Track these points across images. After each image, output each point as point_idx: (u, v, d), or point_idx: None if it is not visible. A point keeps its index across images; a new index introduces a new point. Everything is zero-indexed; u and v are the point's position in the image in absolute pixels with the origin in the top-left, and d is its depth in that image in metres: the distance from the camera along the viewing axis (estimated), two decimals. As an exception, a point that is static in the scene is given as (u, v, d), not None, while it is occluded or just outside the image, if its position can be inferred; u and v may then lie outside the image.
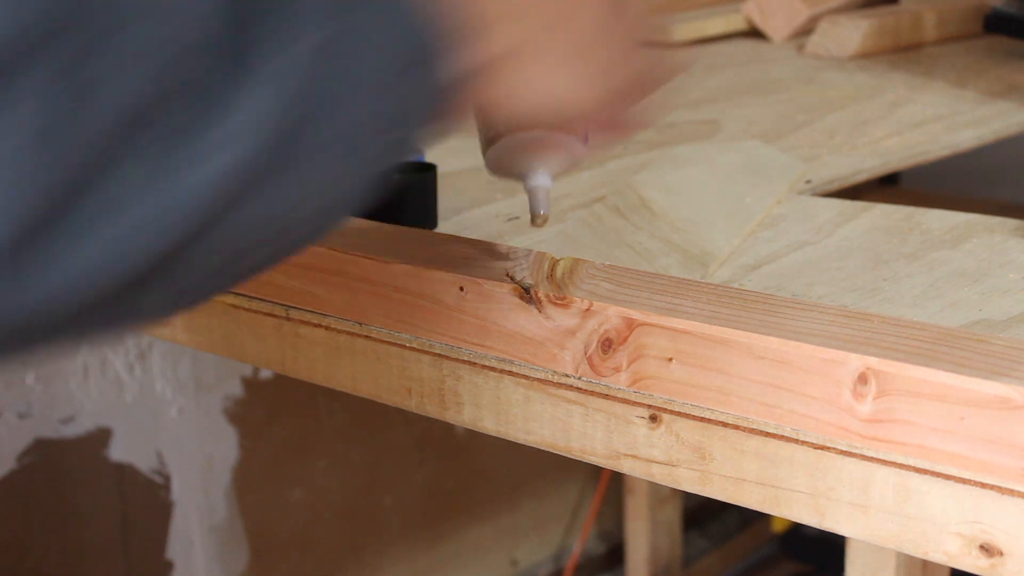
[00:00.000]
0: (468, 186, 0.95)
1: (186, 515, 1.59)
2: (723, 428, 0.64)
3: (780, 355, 0.61)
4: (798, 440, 0.62)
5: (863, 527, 0.61)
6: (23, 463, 1.43)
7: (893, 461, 0.59)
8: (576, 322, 0.67)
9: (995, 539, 0.58)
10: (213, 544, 1.62)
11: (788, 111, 1.21)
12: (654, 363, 0.65)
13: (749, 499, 0.64)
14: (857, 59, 1.45)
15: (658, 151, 1.06)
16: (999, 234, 0.84)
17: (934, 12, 1.54)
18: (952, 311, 0.72)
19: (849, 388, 0.59)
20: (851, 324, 0.62)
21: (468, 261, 0.72)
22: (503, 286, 0.69)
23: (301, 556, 1.72)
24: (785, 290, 0.76)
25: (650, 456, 0.67)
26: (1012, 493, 0.57)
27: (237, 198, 0.41)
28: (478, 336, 0.71)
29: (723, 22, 1.59)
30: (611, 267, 0.70)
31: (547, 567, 2.05)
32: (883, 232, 0.86)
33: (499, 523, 1.97)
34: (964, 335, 0.61)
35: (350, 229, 0.80)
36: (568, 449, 0.70)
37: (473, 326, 0.71)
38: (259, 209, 0.42)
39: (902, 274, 0.78)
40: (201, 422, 1.57)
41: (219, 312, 0.85)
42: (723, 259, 0.82)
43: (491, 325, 0.70)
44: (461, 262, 0.72)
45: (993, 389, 0.56)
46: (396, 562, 1.82)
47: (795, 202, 0.93)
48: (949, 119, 1.17)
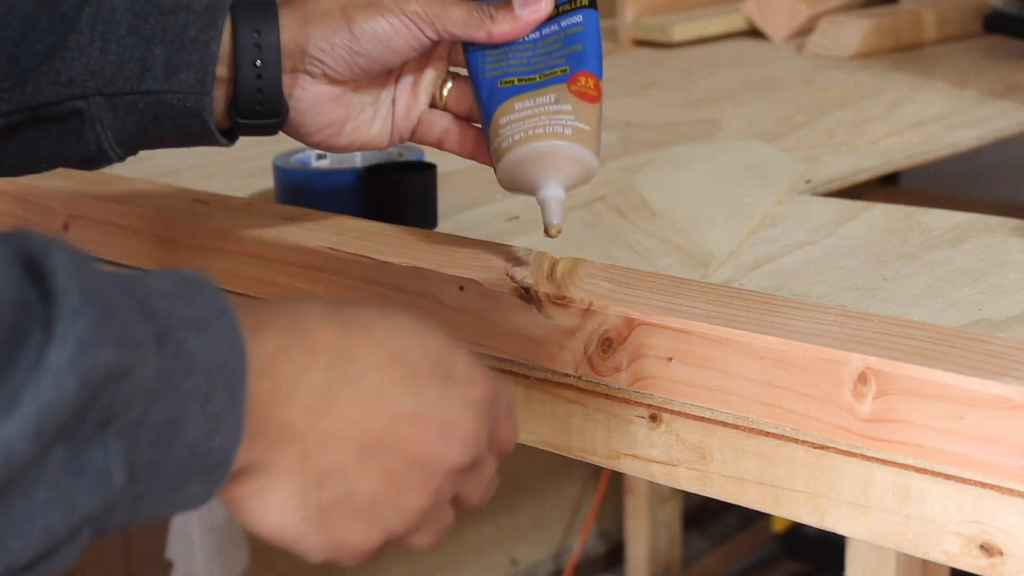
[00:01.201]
0: (468, 186, 0.95)
1: (186, 515, 1.59)
2: (723, 428, 0.64)
3: (780, 355, 0.61)
4: (798, 440, 0.62)
5: (863, 527, 0.61)
6: (23, 463, 1.43)
7: (893, 461, 0.59)
8: (576, 322, 0.67)
9: (995, 539, 0.58)
10: (213, 544, 1.62)
11: (788, 111, 1.21)
12: (654, 363, 0.65)
13: (749, 499, 0.64)
14: (857, 59, 1.45)
15: (658, 151, 1.07)
16: (999, 234, 0.84)
17: (934, 12, 1.54)
18: (952, 311, 0.72)
19: (849, 388, 0.59)
20: (851, 324, 0.62)
21: (468, 261, 0.72)
22: (503, 286, 0.69)
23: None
24: (785, 290, 0.76)
25: (650, 456, 0.67)
26: (1012, 493, 0.57)
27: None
28: (478, 336, 0.71)
29: (723, 22, 1.59)
30: (611, 267, 0.70)
31: (547, 567, 2.05)
32: (883, 232, 0.86)
33: (499, 523, 1.97)
34: (964, 335, 0.61)
35: (350, 229, 0.80)
36: (568, 449, 0.70)
37: (473, 326, 0.71)
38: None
39: (902, 274, 0.78)
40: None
41: (219, 312, 0.85)
42: (723, 259, 0.82)
43: (491, 325, 0.70)
44: (461, 262, 0.72)
45: (993, 389, 0.56)
46: (396, 562, 1.82)
47: (795, 202, 0.93)
48: (949, 119, 1.17)
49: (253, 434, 0.47)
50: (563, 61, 0.72)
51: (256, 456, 0.48)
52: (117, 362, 0.42)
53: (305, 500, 0.50)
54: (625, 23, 1.58)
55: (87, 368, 0.41)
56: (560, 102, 0.70)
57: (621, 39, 1.59)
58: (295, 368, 0.49)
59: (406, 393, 0.52)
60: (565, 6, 0.73)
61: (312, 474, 0.50)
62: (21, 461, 0.40)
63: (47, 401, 0.40)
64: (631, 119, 1.19)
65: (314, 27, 0.70)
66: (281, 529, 0.50)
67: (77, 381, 0.40)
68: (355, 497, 0.51)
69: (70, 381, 0.40)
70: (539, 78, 0.71)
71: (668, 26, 1.54)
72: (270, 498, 0.49)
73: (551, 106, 0.70)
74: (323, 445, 0.49)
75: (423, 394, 0.52)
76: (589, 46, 0.72)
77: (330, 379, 0.50)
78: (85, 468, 0.42)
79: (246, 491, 0.49)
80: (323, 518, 0.51)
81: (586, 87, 0.70)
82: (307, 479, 0.50)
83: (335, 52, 0.70)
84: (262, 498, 0.49)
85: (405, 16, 0.70)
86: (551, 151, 0.69)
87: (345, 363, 0.50)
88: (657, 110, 1.24)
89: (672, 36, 1.54)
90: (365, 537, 0.52)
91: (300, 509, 0.50)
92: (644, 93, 1.32)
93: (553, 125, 0.69)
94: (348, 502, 0.51)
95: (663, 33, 1.55)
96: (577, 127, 0.69)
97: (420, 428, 0.52)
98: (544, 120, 0.69)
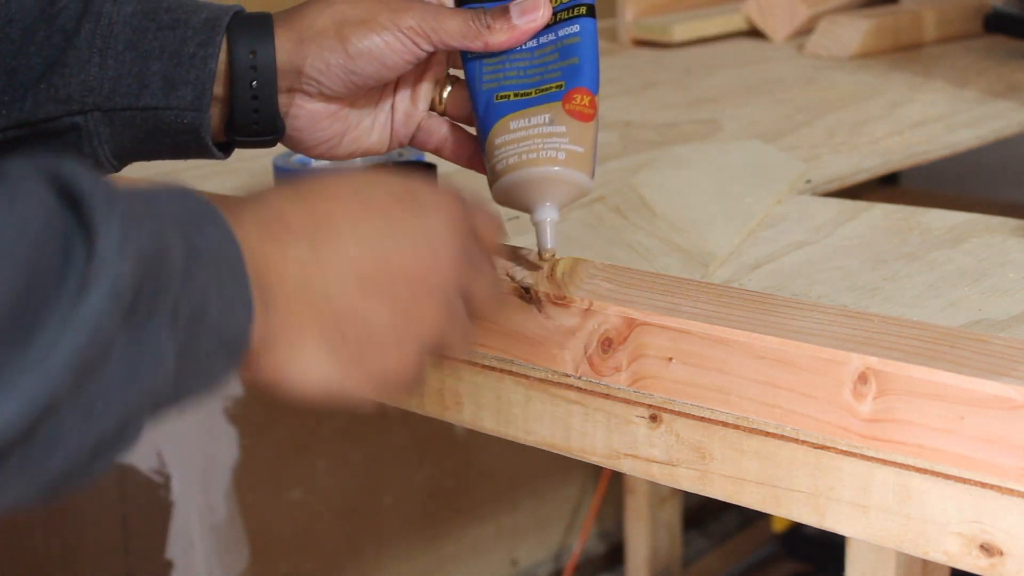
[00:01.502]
0: (468, 186, 0.95)
1: (186, 515, 1.59)
2: (723, 428, 0.64)
3: (780, 355, 0.61)
4: (798, 440, 0.62)
5: (863, 527, 0.61)
6: (23, 463, 1.43)
7: (893, 461, 0.59)
8: (576, 322, 0.67)
9: (995, 539, 0.58)
10: (213, 544, 1.62)
11: (788, 111, 1.21)
12: (654, 363, 0.65)
13: (749, 499, 0.64)
14: (857, 59, 1.45)
15: (658, 151, 1.06)
16: (999, 234, 0.84)
17: (934, 12, 1.54)
18: (952, 311, 0.72)
19: (849, 388, 0.59)
20: (851, 324, 0.62)
21: (468, 261, 0.72)
22: (503, 286, 0.69)
23: (301, 556, 1.72)
24: (785, 290, 0.76)
25: (650, 456, 0.67)
26: (1012, 493, 0.57)
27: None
28: (478, 336, 0.71)
29: (723, 22, 1.59)
30: (611, 267, 0.70)
31: (547, 567, 2.05)
32: (883, 232, 0.86)
33: (499, 523, 1.97)
34: (964, 335, 0.61)
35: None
36: (568, 449, 0.70)
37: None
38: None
39: (902, 274, 0.78)
40: (201, 422, 1.57)
41: (219, 312, 0.85)
42: (723, 259, 0.82)
43: (491, 325, 0.70)
44: (461, 262, 0.72)
45: (993, 389, 0.56)
46: (396, 562, 1.82)
47: (795, 202, 0.93)
48: (949, 119, 1.17)
49: (262, 309, 0.53)
50: (559, 75, 0.72)
51: (273, 327, 0.53)
52: (154, 247, 0.47)
53: (332, 346, 0.55)
54: (625, 23, 1.57)
55: (134, 251, 0.46)
56: (554, 123, 0.70)
57: (621, 39, 1.59)
58: (279, 248, 0.54)
59: (384, 232, 0.57)
60: (563, 13, 0.73)
61: (328, 323, 0.55)
62: (107, 336, 0.45)
63: (111, 282, 0.45)
64: (631, 119, 1.19)
65: (309, 47, 0.70)
66: (324, 380, 0.55)
67: (129, 262, 0.45)
68: (374, 330, 0.56)
69: (123, 263, 0.45)
70: (535, 93, 0.71)
71: (668, 26, 1.54)
72: (302, 356, 0.55)
73: (545, 127, 0.70)
74: (327, 297, 0.55)
75: (399, 227, 0.57)
76: (585, 60, 0.72)
77: (313, 247, 0.55)
78: (145, 350, 0.47)
79: (279, 361, 0.54)
80: (355, 358, 0.56)
81: (581, 105, 0.70)
82: (326, 328, 0.55)
83: (331, 72, 0.70)
84: (295, 359, 0.54)
85: (400, 32, 0.70)
86: (545, 176, 0.69)
87: (320, 230, 0.55)
88: (657, 110, 1.24)
89: (672, 36, 1.54)
90: (399, 361, 0.57)
91: (331, 355, 0.55)
92: (644, 93, 1.32)
93: (547, 149, 0.69)
94: (370, 336, 0.56)
95: (663, 33, 1.55)
96: (571, 150, 0.69)
97: (407, 254, 0.57)
98: (538, 143, 0.69)
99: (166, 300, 0.48)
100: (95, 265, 0.44)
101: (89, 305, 0.44)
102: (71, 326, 0.44)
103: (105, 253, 0.45)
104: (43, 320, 0.43)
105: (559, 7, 0.73)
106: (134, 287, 0.46)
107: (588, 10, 0.73)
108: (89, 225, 0.45)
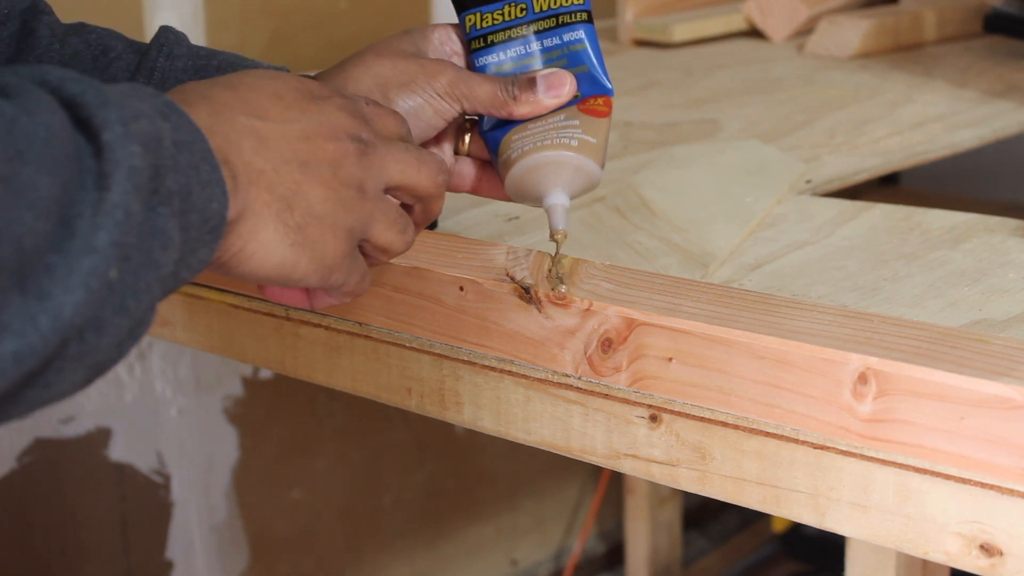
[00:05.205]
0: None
1: (186, 515, 1.59)
2: (723, 428, 0.64)
3: (780, 355, 0.61)
4: (798, 440, 0.62)
5: (863, 527, 0.61)
6: (23, 463, 1.43)
7: (893, 461, 0.59)
8: (576, 322, 0.67)
9: (995, 539, 0.58)
10: (213, 544, 1.62)
11: (788, 111, 1.21)
12: (654, 363, 0.65)
13: (749, 499, 0.64)
14: (857, 59, 1.45)
15: (658, 151, 1.07)
16: (999, 234, 0.84)
17: (934, 12, 1.54)
18: (952, 311, 0.72)
19: (849, 388, 0.59)
20: (851, 324, 0.62)
21: (468, 261, 0.72)
22: (503, 286, 0.69)
23: (301, 556, 1.72)
24: (785, 290, 0.76)
25: (650, 456, 0.67)
26: (1012, 493, 0.57)
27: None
28: (478, 336, 0.71)
29: (723, 22, 1.59)
30: (611, 267, 0.70)
31: (547, 567, 2.05)
32: (883, 232, 0.86)
33: (499, 523, 1.97)
34: (964, 335, 0.61)
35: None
36: (568, 449, 0.70)
37: (473, 326, 0.71)
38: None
39: (902, 274, 0.78)
40: (201, 422, 1.57)
41: (219, 312, 0.86)
42: (723, 259, 0.82)
43: (491, 325, 0.70)
44: (461, 262, 0.72)
45: (993, 389, 0.56)
46: (396, 562, 1.82)
47: (795, 202, 0.93)
48: (949, 119, 1.17)
49: (233, 186, 0.55)
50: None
51: (241, 204, 0.56)
52: (151, 132, 0.50)
53: (286, 225, 0.58)
54: (625, 23, 1.57)
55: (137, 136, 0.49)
56: (569, 118, 0.73)
57: (621, 39, 1.59)
58: (225, 122, 0.57)
59: (300, 116, 0.60)
60: (564, 16, 0.74)
61: (281, 200, 0.58)
62: (136, 221, 0.48)
63: (130, 163, 0.48)
64: (631, 119, 1.19)
65: None
66: (280, 262, 0.58)
67: (138, 144, 0.48)
68: (314, 208, 0.59)
69: (132, 145, 0.48)
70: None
71: (668, 26, 1.54)
72: (262, 236, 0.57)
73: (561, 122, 0.73)
74: (277, 173, 0.58)
75: (310, 113, 0.61)
76: (594, 67, 0.75)
77: (249, 121, 0.58)
78: (156, 231, 0.50)
79: (243, 239, 0.56)
80: (302, 237, 0.58)
81: (595, 105, 0.74)
82: (279, 206, 0.57)
83: None
84: (256, 239, 0.57)
85: (437, 95, 0.73)
86: (557, 160, 0.71)
87: (249, 107, 0.58)
88: (657, 110, 1.24)
89: (672, 36, 1.54)
90: (336, 243, 0.60)
91: (285, 236, 0.58)
92: (644, 93, 1.32)
93: (560, 137, 0.71)
94: (312, 216, 0.59)
95: (663, 33, 1.55)
96: (583, 139, 0.71)
97: (323, 137, 0.60)
98: (552, 134, 0.72)
99: (166, 182, 0.50)
100: (107, 155, 0.47)
101: (115, 189, 0.47)
102: (103, 211, 0.47)
103: (114, 143, 0.48)
104: (80, 210, 0.46)
105: (560, 9, 0.75)
106: (148, 168, 0.49)
107: (588, 16, 0.76)
108: (90, 122, 0.48)
